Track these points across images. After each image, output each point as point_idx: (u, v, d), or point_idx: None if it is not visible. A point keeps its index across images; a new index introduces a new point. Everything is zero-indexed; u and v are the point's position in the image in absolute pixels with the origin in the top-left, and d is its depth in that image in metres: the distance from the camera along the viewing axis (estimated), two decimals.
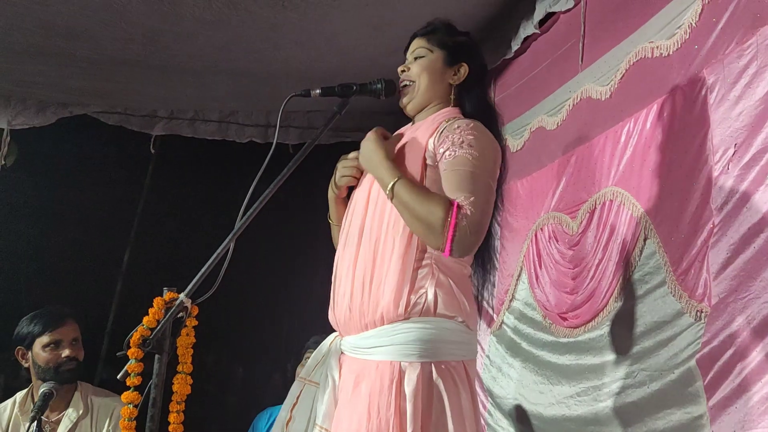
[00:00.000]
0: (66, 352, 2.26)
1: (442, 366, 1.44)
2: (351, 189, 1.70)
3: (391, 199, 1.46)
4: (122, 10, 2.75)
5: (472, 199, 1.39)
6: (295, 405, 1.59)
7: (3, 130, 3.82)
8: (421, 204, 1.41)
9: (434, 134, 1.53)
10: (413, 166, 1.52)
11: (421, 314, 1.44)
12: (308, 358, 2.45)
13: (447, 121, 1.55)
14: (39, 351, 2.26)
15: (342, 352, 1.57)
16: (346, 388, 1.50)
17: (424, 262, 1.47)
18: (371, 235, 1.53)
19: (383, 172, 1.49)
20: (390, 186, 1.45)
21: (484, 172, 1.46)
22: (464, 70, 1.64)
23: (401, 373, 1.41)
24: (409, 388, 1.39)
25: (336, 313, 1.58)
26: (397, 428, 1.37)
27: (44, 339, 2.26)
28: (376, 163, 1.52)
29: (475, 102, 1.64)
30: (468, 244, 1.38)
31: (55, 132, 3.92)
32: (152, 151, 4.08)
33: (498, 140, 1.57)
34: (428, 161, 1.52)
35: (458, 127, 1.50)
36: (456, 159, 1.46)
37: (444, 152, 1.48)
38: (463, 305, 1.48)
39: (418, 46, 1.67)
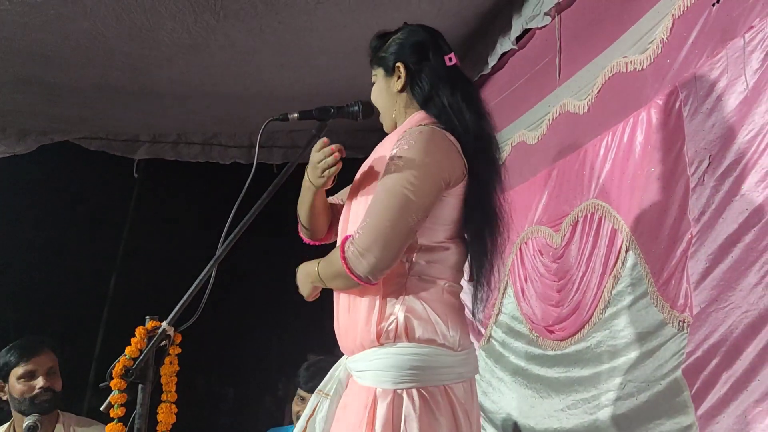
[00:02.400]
0: (40, 383, 2.20)
1: (418, 393, 1.38)
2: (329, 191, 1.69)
3: (324, 286, 1.53)
4: (101, 37, 2.76)
5: (366, 221, 1.40)
6: (311, 416, 1.57)
7: None
8: (328, 266, 1.48)
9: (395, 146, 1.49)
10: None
11: (395, 340, 1.41)
12: (301, 396, 2.40)
13: (407, 131, 1.49)
14: (14, 383, 2.20)
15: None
16: (340, 407, 1.51)
17: (393, 289, 1.44)
18: None
19: (305, 280, 1.56)
20: (313, 280, 1.53)
21: (400, 182, 1.39)
22: (401, 70, 1.55)
23: (375, 400, 1.38)
24: (380, 416, 1.36)
25: (336, 335, 1.58)
26: None
27: (18, 370, 2.20)
28: (302, 281, 1.58)
29: (424, 90, 1.53)
30: (366, 266, 1.37)
31: (37, 159, 3.91)
32: (135, 175, 4.08)
33: (466, 113, 1.49)
34: None
35: (403, 137, 1.46)
36: (383, 174, 1.43)
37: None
38: (440, 328, 1.42)
39: (372, 74, 1.63)
